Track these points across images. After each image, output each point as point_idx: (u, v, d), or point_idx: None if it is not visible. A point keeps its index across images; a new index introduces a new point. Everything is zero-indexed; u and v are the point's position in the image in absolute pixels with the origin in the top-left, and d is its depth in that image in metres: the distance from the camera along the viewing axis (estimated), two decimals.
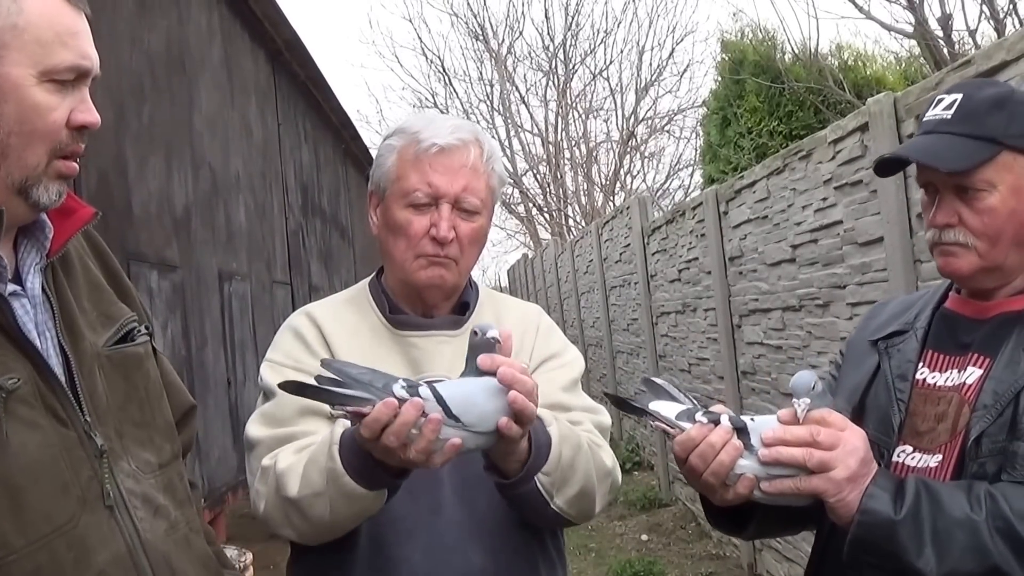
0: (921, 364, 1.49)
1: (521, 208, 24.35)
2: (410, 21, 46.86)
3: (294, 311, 1.79)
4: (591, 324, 11.07)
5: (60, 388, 1.21)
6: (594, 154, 22.57)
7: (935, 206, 1.44)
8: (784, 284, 4.64)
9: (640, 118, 22.05)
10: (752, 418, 1.38)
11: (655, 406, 1.42)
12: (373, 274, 1.81)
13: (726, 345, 5.64)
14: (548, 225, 23.26)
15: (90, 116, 1.22)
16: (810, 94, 9.85)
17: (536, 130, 23.26)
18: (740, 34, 11.66)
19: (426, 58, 31.00)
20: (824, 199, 4.06)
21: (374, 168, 1.74)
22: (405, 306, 1.73)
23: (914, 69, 10.76)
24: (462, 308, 1.76)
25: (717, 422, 1.37)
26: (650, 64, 28.26)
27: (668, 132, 22.54)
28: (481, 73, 26.22)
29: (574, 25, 22.67)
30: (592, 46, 24.72)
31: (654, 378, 1.47)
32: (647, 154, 22.71)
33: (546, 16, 29.28)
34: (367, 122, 31.96)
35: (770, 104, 10.29)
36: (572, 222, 22.30)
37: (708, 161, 11.81)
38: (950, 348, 1.47)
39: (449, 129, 1.67)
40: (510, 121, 22.98)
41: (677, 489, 7.45)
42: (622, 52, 30.90)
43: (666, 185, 21.98)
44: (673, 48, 30.21)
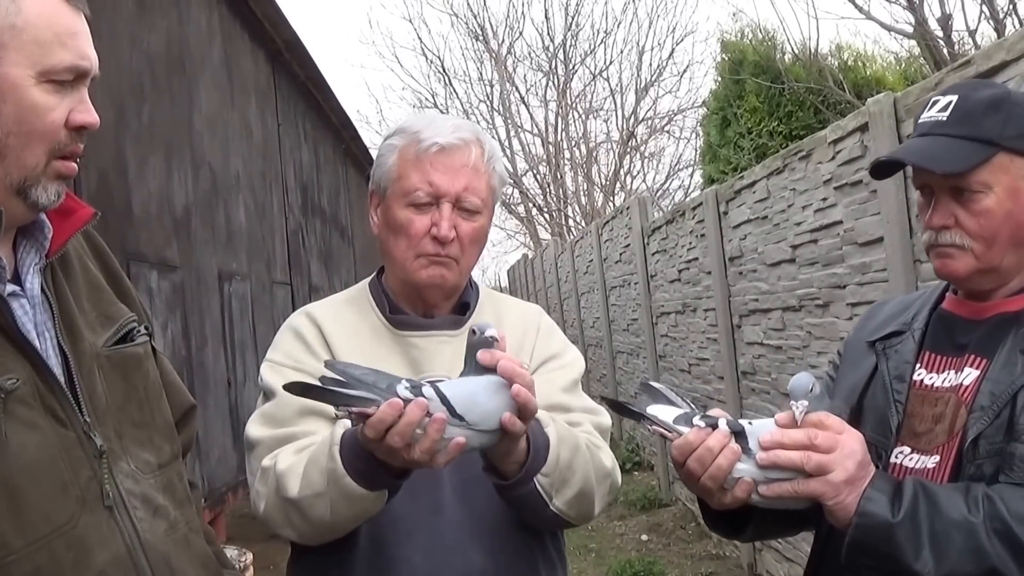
0: (918, 365, 1.49)
1: (521, 208, 24.36)
2: (410, 21, 46.96)
3: (294, 311, 1.79)
4: (591, 324, 11.07)
5: (59, 388, 1.21)
6: (594, 154, 22.57)
7: (931, 208, 1.45)
8: (784, 284, 4.63)
9: (640, 118, 22.07)
10: (750, 422, 1.38)
11: (653, 410, 1.42)
12: (373, 274, 1.81)
13: (726, 345, 5.64)
14: (548, 225, 23.26)
15: (89, 116, 1.22)
16: (810, 94, 9.86)
17: (536, 130, 23.29)
18: (740, 34, 11.67)
19: (426, 58, 31.04)
20: (824, 199, 4.06)
21: (375, 168, 1.73)
22: (405, 306, 1.72)
23: (914, 69, 10.77)
24: (462, 308, 1.75)
25: (715, 426, 1.37)
26: (650, 64, 28.37)
27: (668, 132, 22.58)
28: (481, 73, 26.24)
29: (574, 25, 22.72)
30: (592, 46, 24.79)
31: (651, 382, 1.48)
32: (647, 154, 22.75)
33: (546, 16, 29.25)
34: (367, 122, 32.03)
35: (770, 104, 10.30)
36: (572, 222, 22.30)
37: (708, 161, 11.82)
38: (947, 349, 1.47)
39: (450, 129, 1.67)
40: (510, 121, 23.00)
41: (677, 489, 7.45)
42: (622, 52, 30.96)
43: (666, 185, 22.02)
44: (673, 48, 30.27)
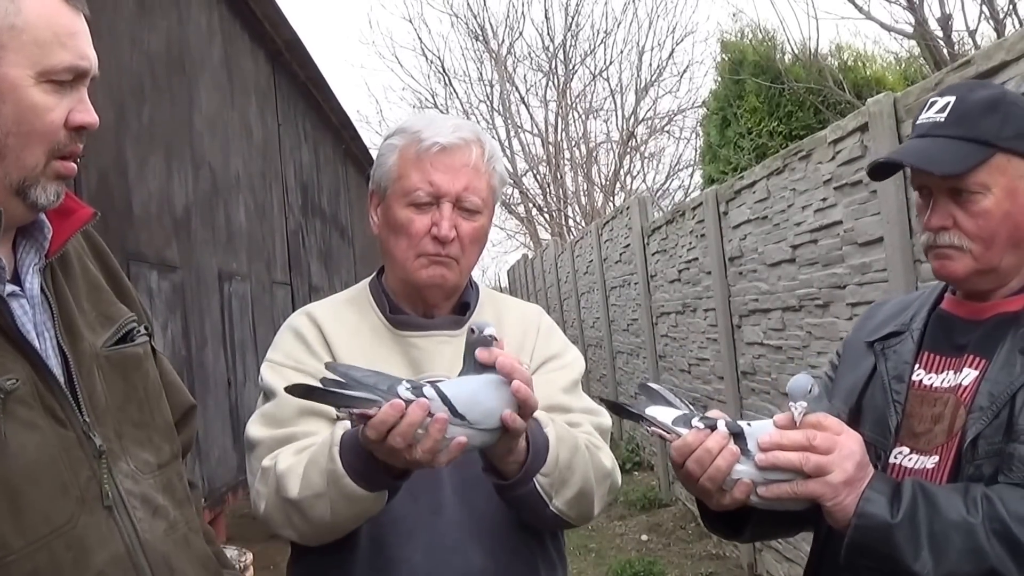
0: (917, 365, 1.49)
1: (521, 208, 24.36)
2: (410, 21, 46.93)
3: (294, 311, 1.79)
4: (591, 324, 11.07)
5: (59, 389, 1.21)
6: (594, 154, 22.57)
7: (929, 209, 1.45)
8: (784, 284, 4.63)
9: (640, 118, 22.07)
10: (749, 423, 1.38)
11: (651, 411, 1.42)
12: (374, 274, 1.81)
13: (726, 345, 5.64)
14: (548, 225, 23.25)
15: (88, 116, 1.22)
16: (810, 94, 9.86)
17: (536, 130, 23.28)
18: (740, 34, 11.68)
19: (426, 59, 30.96)
20: (824, 199, 4.06)
21: (375, 167, 1.73)
22: (406, 306, 1.72)
23: (914, 69, 10.77)
24: (463, 308, 1.75)
25: (713, 427, 1.37)
26: (650, 64, 28.32)
27: (668, 132, 22.58)
28: (481, 73, 26.23)
29: (574, 25, 22.69)
30: (592, 46, 24.73)
31: (650, 383, 1.47)
32: (647, 154, 22.75)
33: (546, 16, 29.13)
34: (367, 122, 32.04)
35: (770, 104, 10.30)
36: (572, 222, 22.30)
37: (708, 161, 11.82)
38: (946, 349, 1.47)
39: (450, 128, 1.67)
40: (510, 121, 23.00)
41: (677, 489, 7.45)
42: (622, 52, 30.91)
43: (666, 185, 22.01)
44: (673, 48, 30.27)
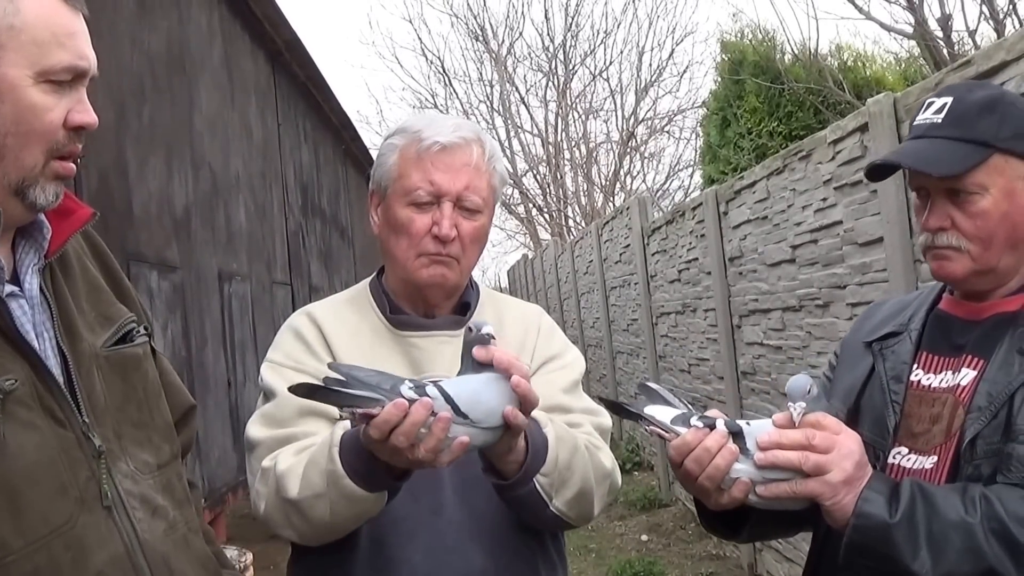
0: (915, 366, 1.49)
1: (521, 208, 24.35)
2: (410, 22, 46.87)
3: (294, 311, 1.79)
4: (591, 325, 11.07)
5: (58, 389, 1.21)
6: (594, 155, 22.57)
7: (927, 210, 1.45)
8: (784, 284, 4.63)
9: (640, 119, 22.06)
10: (748, 422, 1.38)
11: (650, 411, 1.42)
12: (374, 274, 1.80)
13: (726, 345, 5.64)
14: (548, 226, 23.25)
15: (87, 116, 1.22)
16: (810, 95, 9.85)
17: (536, 131, 23.27)
18: (740, 35, 11.68)
19: (426, 59, 30.86)
20: (824, 199, 4.06)
21: (375, 167, 1.73)
22: (406, 306, 1.72)
23: (914, 70, 10.77)
24: (463, 308, 1.75)
25: (712, 426, 1.37)
26: (650, 65, 28.22)
27: (668, 133, 22.56)
28: (481, 74, 26.25)
29: (574, 26, 22.68)
30: (592, 47, 24.74)
31: (649, 383, 1.47)
32: (647, 155, 22.73)
33: (546, 17, 29.03)
34: (367, 123, 32.06)
35: (770, 105, 10.30)
36: (572, 223, 22.30)
37: (708, 162, 11.82)
38: (944, 349, 1.47)
39: (451, 128, 1.67)
40: (510, 122, 22.99)
41: (677, 489, 7.45)
42: (622, 53, 30.80)
43: (666, 186, 22.00)
44: (673, 49, 30.21)
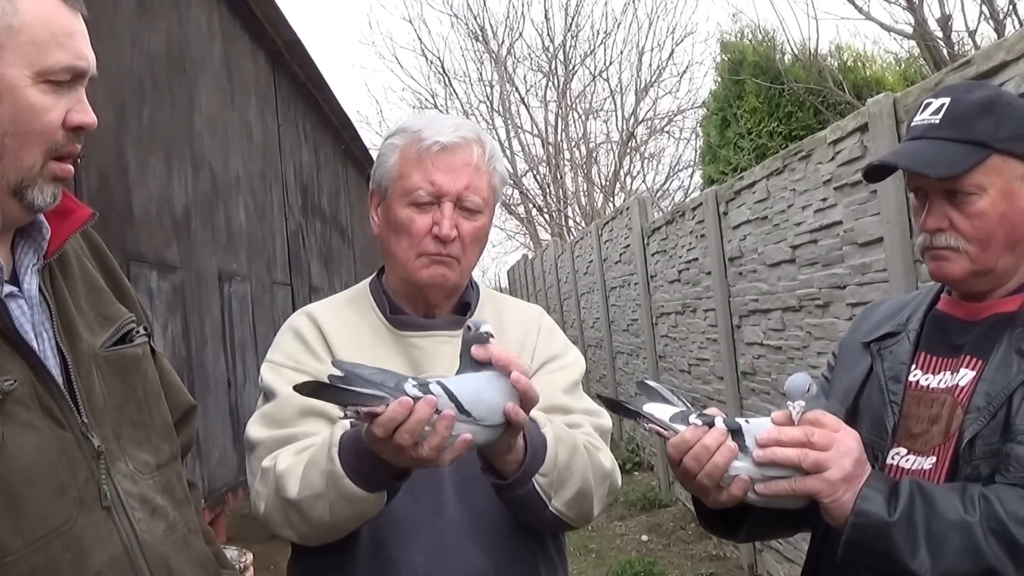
0: (914, 366, 1.49)
1: (521, 209, 24.35)
2: (410, 22, 46.77)
3: (294, 311, 1.79)
4: (591, 325, 11.07)
5: (57, 389, 1.21)
6: (594, 155, 22.57)
7: (925, 211, 1.45)
8: (784, 284, 4.63)
9: (640, 119, 22.06)
10: (747, 420, 1.38)
11: (649, 408, 1.42)
12: (374, 274, 1.80)
13: (726, 346, 5.64)
14: (548, 226, 23.24)
15: (86, 116, 1.21)
16: (809, 95, 9.85)
17: (536, 131, 23.27)
18: (739, 35, 11.68)
19: (426, 59, 30.84)
20: (824, 199, 4.06)
21: (375, 167, 1.73)
22: (406, 306, 1.72)
23: (914, 70, 10.76)
24: (463, 308, 1.75)
25: (711, 424, 1.37)
26: (650, 65, 28.09)
27: (668, 133, 22.56)
28: (481, 74, 26.26)
29: (574, 26, 22.67)
30: (592, 47, 24.74)
31: (648, 381, 1.48)
32: (647, 155, 22.74)
33: (546, 17, 29.02)
34: (367, 123, 32.07)
35: (770, 105, 10.29)
36: (572, 223, 22.29)
37: (708, 162, 11.82)
38: (942, 350, 1.47)
39: (451, 128, 1.67)
40: (510, 122, 22.99)
41: (677, 490, 7.44)
42: (622, 53, 30.76)
43: (666, 186, 22.01)
44: (673, 49, 30.12)
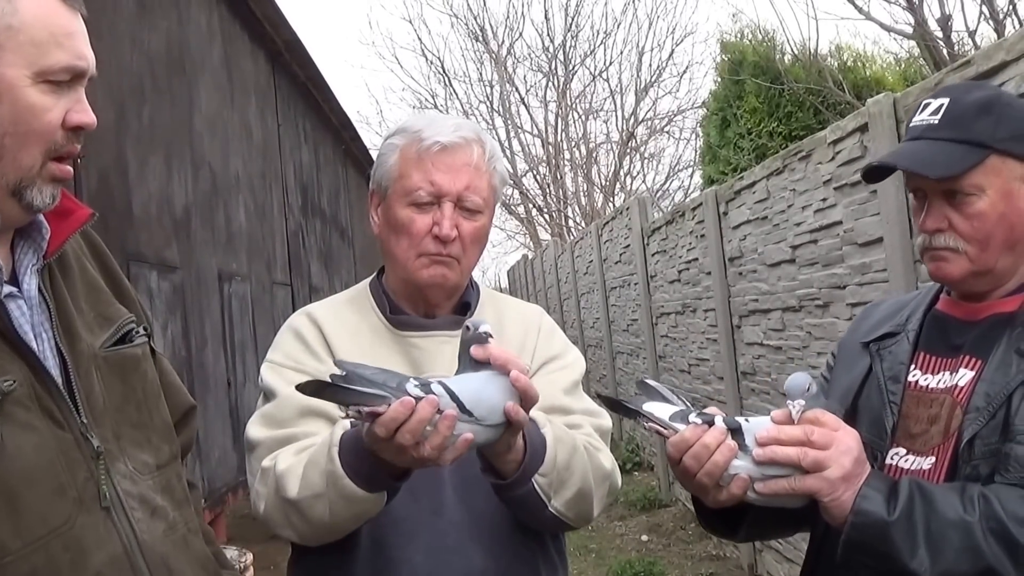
0: (913, 366, 1.49)
1: (521, 209, 24.35)
2: (410, 22, 46.77)
3: (294, 312, 1.79)
4: (591, 325, 11.07)
5: (56, 390, 1.20)
6: (594, 155, 22.57)
7: (924, 211, 1.45)
8: (784, 285, 4.63)
9: (640, 119, 22.07)
10: (746, 419, 1.38)
11: (649, 407, 1.42)
12: (374, 274, 1.80)
13: (726, 346, 5.64)
14: (548, 226, 23.24)
15: (86, 116, 1.21)
16: (809, 95, 9.85)
17: (536, 131, 23.28)
18: (739, 35, 11.67)
19: (426, 59, 30.85)
20: (824, 200, 4.06)
21: (376, 167, 1.73)
22: (406, 306, 1.72)
23: (914, 70, 10.76)
24: (463, 308, 1.75)
25: (711, 423, 1.37)
26: (650, 65, 28.09)
27: (668, 133, 22.57)
28: (481, 74, 26.27)
29: (574, 26, 22.68)
30: (592, 47, 24.78)
31: (648, 380, 1.48)
32: (647, 155, 22.75)
33: (546, 17, 28.99)
34: (367, 123, 32.05)
35: (769, 105, 10.29)
36: (572, 223, 22.29)
37: (708, 162, 11.82)
38: (942, 350, 1.47)
39: (451, 128, 1.67)
40: (510, 122, 22.99)
41: (677, 490, 7.44)
42: (622, 53, 30.75)
43: (666, 186, 22.01)
44: (673, 49, 30.08)
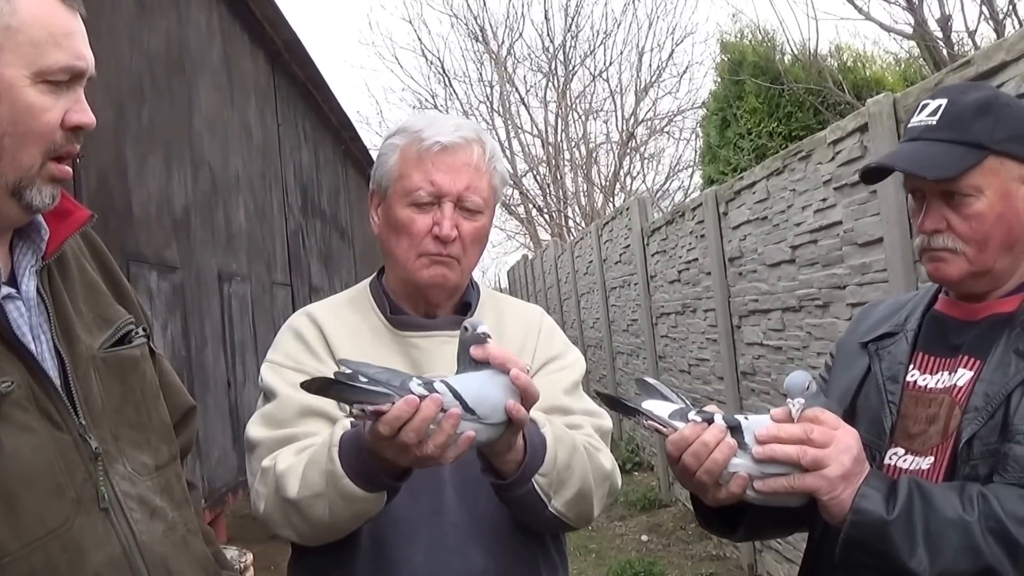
0: (912, 366, 1.49)
1: (521, 209, 24.35)
2: (410, 22, 46.73)
3: (294, 312, 1.79)
4: (591, 325, 11.07)
5: (55, 391, 1.20)
6: (594, 155, 22.57)
7: (923, 212, 1.45)
8: (784, 285, 4.63)
9: (640, 119, 22.07)
10: (746, 417, 1.39)
11: (648, 405, 1.42)
12: (374, 275, 1.80)
13: (726, 346, 5.64)
14: (548, 226, 23.24)
15: (85, 116, 1.21)
16: (809, 95, 9.85)
17: (536, 131, 23.27)
18: (739, 35, 11.66)
19: (426, 59, 30.81)
20: (824, 200, 4.06)
21: (376, 167, 1.73)
22: (407, 306, 1.72)
23: (913, 70, 10.76)
24: (464, 308, 1.75)
25: (710, 421, 1.37)
26: (650, 65, 28.03)
27: (668, 133, 22.57)
28: (481, 74, 26.26)
29: (574, 26, 22.67)
30: (592, 47, 24.80)
31: (647, 378, 1.48)
32: (647, 155, 22.75)
33: (546, 17, 28.91)
34: (367, 123, 32.00)
35: (769, 105, 10.28)
36: (572, 223, 22.29)
37: (708, 162, 11.81)
38: (940, 350, 1.47)
39: (452, 128, 1.67)
40: (510, 122, 22.99)
41: (677, 490, 7.44)
42: (622, 53, 30.73)
43: (666, 186, 22.02)
44: (673, 49, 30.03)
